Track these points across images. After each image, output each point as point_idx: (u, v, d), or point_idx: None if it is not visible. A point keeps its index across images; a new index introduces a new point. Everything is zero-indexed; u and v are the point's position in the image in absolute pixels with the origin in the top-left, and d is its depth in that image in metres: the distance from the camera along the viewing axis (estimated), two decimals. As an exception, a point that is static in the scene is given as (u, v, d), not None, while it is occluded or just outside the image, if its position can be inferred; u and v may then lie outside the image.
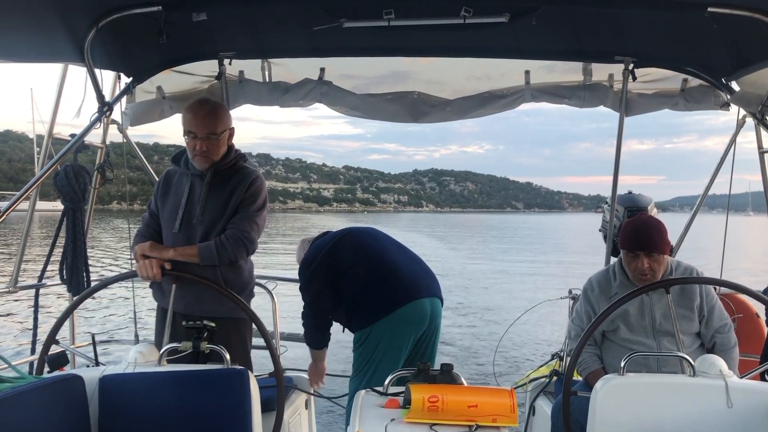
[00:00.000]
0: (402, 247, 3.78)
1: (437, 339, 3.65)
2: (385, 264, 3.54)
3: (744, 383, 2.47)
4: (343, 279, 3.53)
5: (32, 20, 2.80)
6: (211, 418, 2.47)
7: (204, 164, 3.09)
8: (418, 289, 3.49)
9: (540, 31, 3.26)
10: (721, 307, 3.17)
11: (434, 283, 3.65)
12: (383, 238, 3.79)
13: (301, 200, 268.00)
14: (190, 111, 3.10)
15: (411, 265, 3.62)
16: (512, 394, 2.30)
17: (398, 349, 3.44)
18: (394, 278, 3.49)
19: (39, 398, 2.19)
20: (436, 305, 3.57)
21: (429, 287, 3.57)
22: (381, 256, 3.59)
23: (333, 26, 3.19)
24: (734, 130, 4.12)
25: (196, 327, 2.73)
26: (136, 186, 59.60)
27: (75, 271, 3.65)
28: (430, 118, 4.25)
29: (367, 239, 3.71)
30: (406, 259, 3.66)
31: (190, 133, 3.05)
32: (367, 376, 3.43)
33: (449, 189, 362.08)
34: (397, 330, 3.43)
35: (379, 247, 3.65)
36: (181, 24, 3.06)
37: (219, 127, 3.08)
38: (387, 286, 3.47)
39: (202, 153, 3.05)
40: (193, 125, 3.04)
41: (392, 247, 3.71)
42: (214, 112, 3.10)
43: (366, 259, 3.56)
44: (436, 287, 3.64)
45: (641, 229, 3.07)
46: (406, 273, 3.53)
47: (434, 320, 3.56)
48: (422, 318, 3.48)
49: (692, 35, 3.29)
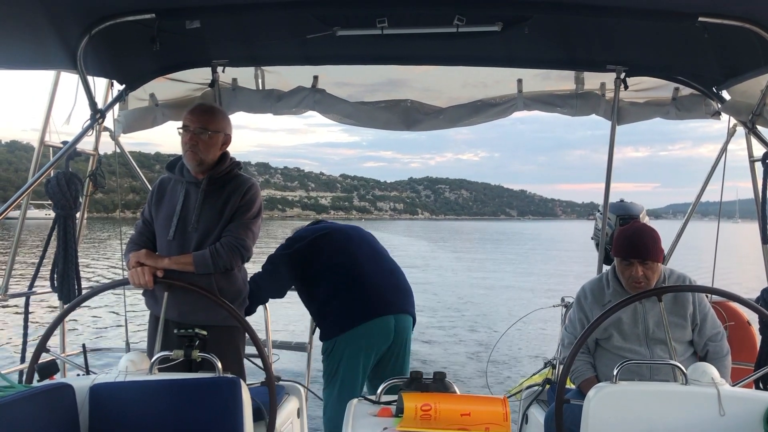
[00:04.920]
0: (380, 257, 3.75)
1: (406, 354, 3.65)
2: (355, 276, 3.54)
3: (736, 391, 2.47)
4: (317, 279, 3.56)
5: (25, 27, 2.79)
6: (202, 427, 2.45)
7: (192, 162, 3.07)
8: (384, 306, 3.50)
9: (532, 40, 3.27)
10: (714, 316, 3.18)
11: (405, 298, 3.64)
12: (363, 243, 3.77)
13: (300, 208, 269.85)
14: (189, 109, 3.14)
15: (382, 279, 3.61)
16: (505, 403, 2.30)
17: (358, 365, 3.48)
18: (361, 292, 3.50)
19: (29, 407, 2.17)
20: (402, 321, 3.56)
21: (396, 303, 3.57)
22: (353, 266, 3.58)
23: (326, 34, 3.20)
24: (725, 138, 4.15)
25: (187, 335, 2.72)
26: (138, 195, 60.14)
27: (66, 279, 3.63)
28: (422, 126, 4.26)
29: (346, 243, 3.70)
30: (379, 270, 3.65)
31: (184, 127, 3.07)
32: (336, 388, 3.50)
33: (444, 197, 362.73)
34: (358, 346, 3.47)
35: (354, 256, 3.63)
36: (175, 31, 3.06)
37: (212, 125, 3.07)
38: (352, 300, 3.49)
39: (191, 147, 3.04)
40: (187, 119, 3.08)
41: (369, 257, 3.69)
42: (211, 111, 3.14)
43: (339, 265, 3.57)
44: (406, 302, 3.63)
45: (635, 236, 3.08)
46: (374, 287, 3.54)
47: (400, 336, 3.55)
48: (384, 335, 3.50)
49: (683, 45, 3.31)
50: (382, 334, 3.49)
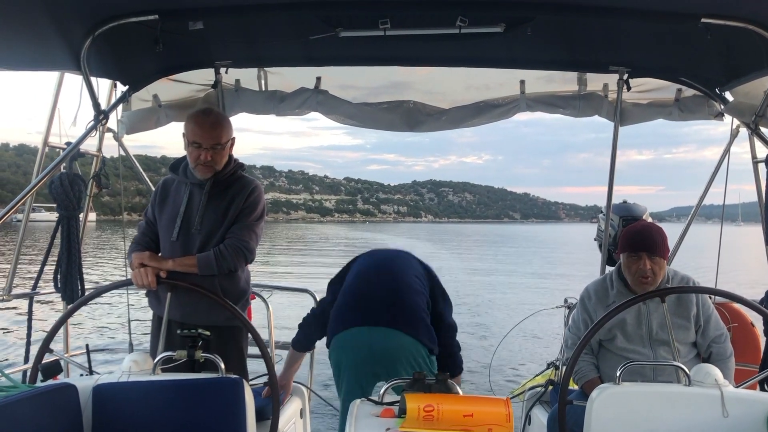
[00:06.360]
0: (388, 274, 3.39)
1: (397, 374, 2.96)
2: (356, 287, 3.34)
3: (739, 393, 2.46)
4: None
5: (28, 29, 2.80)
6: (205, 428, 2.45)
7: (207, 174, 3.09)
8: (364, 316, 3.17)
9: (535, 41, 3.27)
10: (717, 317, 3.17)
11: (397, 314, 3.18)
12: (386, 261, 3.51)
13: (304, 211, 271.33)
14: (194, 122, 3.08)
15: (379, 291, 3.26)
16: (508, 404, 2.29)
17: (344, 373, 3.22)
18: (351, 301, 3.28)
19: (32, 407, 2.17)
20: (380, 337, 3.13)
21: (380, 318, 3.16)
22: (360, 279, 3.37)
23: (329, 35, 3.20)
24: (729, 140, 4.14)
25: (191, 336, 2.73)
26: (145, 198, 60.31)
27: (69, 280, 3.64)
28: (425, 127, 4.26)
29: (372, 264, 3.49)
30: (379, 283, 3.32)
31: (194, 144, 3.04)
32: (343, 392, 3.25)
33: (447, 200, 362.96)
34: (339, 354, 3.22)
35: (370, 271, 3.41)
36: (178, 33, 3.07)
37: (224, 137, 3.08)
38: (343, 308, 3.28)
39: (206, 163, 3.05)
40: (199, 136, 3.03)
41: (378, 272, 3.41)
42: (219, 123, 3.10)
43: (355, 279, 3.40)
44: (396, 319, 3.16)
45: (643, 231, 3.09)
46: (363, 298, 3.25)
47: (380, 353, 3.12)
48: (354, 347, 3.16)
49: (686, 46, 3.31)
50: (353, 347, 3.17)
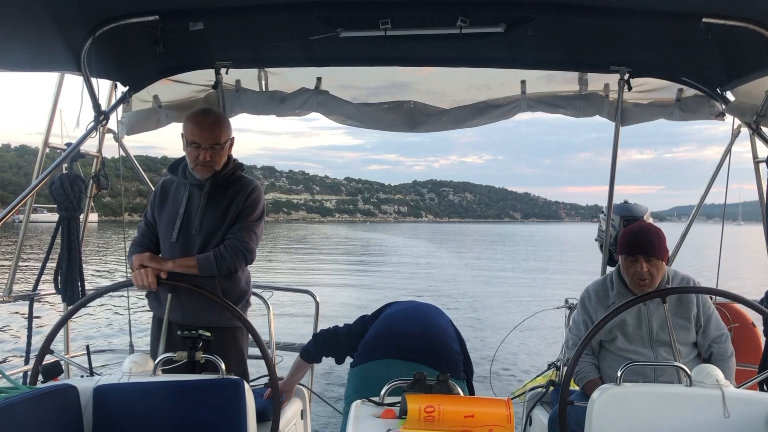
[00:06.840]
0: (427, 317, 3.34)
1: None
2: (394, 322, 3.26)
3: (740, 393, 2.46)
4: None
5: (29, 30, 2.80)
6: (206, 429, 2.45)
7: (206, 174, 3.09)
8: (399, 350, 3.09)
9: (536, 41, 3.27)
10: (718, 317, 3.17)
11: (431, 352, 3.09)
12: (424, 308, 3.44)
13: (305, 211, 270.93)
14: (193, 121, 3.08)
15: (414, 329, 3.18)
16: (509, 404, 2.29)
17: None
18: (389, 334, 3.19)
19: (33, 408, 2.17)
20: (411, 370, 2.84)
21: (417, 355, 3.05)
22: (397, 318, 3.28)
23: (330, 36, 3.20)
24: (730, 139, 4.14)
25: (191, 337, 2.73)
26: (146, 198, 60.78)
27: (69, 280, 3.63)
28: (426, 128, 4.26)
29: (409, 307, 3.42)
30: (415, 322, 3.26)
31: (193, 144, 3.04)
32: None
33: (448, 200, 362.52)
34: (352, 387, 3.11)
35: (408, 312, 3.35)
36: (178, 33, 3.07)
37: (223, 137, 3.09)
38: (379, 339, 3.19)
39: (205, 163, 3.05)
40: (198, 136, 3.03)
41: (418, 315, 3.33)
42: (217, 123, 3.10)
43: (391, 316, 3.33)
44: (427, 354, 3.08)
45: (641, 233, 3.08)
46: (401, 333, 3.16)
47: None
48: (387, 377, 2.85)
49: (687, 45, 3.31)
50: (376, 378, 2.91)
